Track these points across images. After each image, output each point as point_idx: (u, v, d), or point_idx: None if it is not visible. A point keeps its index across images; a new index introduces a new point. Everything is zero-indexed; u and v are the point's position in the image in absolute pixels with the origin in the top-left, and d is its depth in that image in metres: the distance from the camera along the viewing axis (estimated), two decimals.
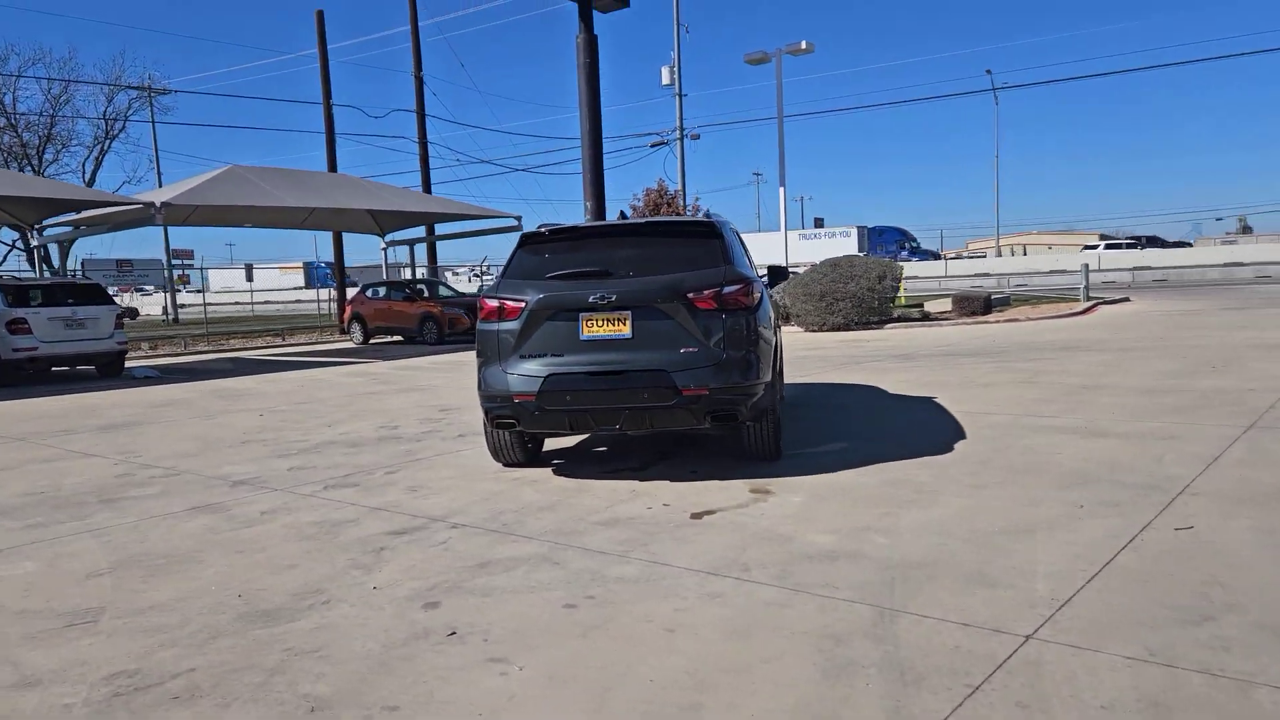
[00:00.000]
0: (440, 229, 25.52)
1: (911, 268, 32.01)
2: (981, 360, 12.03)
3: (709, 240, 5.95)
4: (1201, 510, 4.48)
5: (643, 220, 6.22)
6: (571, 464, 6.38)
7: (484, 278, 57.77)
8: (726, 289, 5.58)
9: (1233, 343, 12.48)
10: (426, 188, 27.75)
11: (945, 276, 44.96)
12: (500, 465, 6.42)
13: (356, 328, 22.70)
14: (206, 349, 22.55)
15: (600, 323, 5.58)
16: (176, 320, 39.31)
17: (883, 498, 5.04)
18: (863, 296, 18.67)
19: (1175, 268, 40.99)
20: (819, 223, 61.61)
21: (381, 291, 23.06)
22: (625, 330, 5.55)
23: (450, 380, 12.73)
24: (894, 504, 4.89)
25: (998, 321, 19.18)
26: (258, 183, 18.77)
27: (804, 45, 24.94)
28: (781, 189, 25.53)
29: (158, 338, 23.17)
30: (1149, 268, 40.93)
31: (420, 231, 26.02)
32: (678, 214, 24.53)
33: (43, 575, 4.36)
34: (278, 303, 51.25)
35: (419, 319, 21.30)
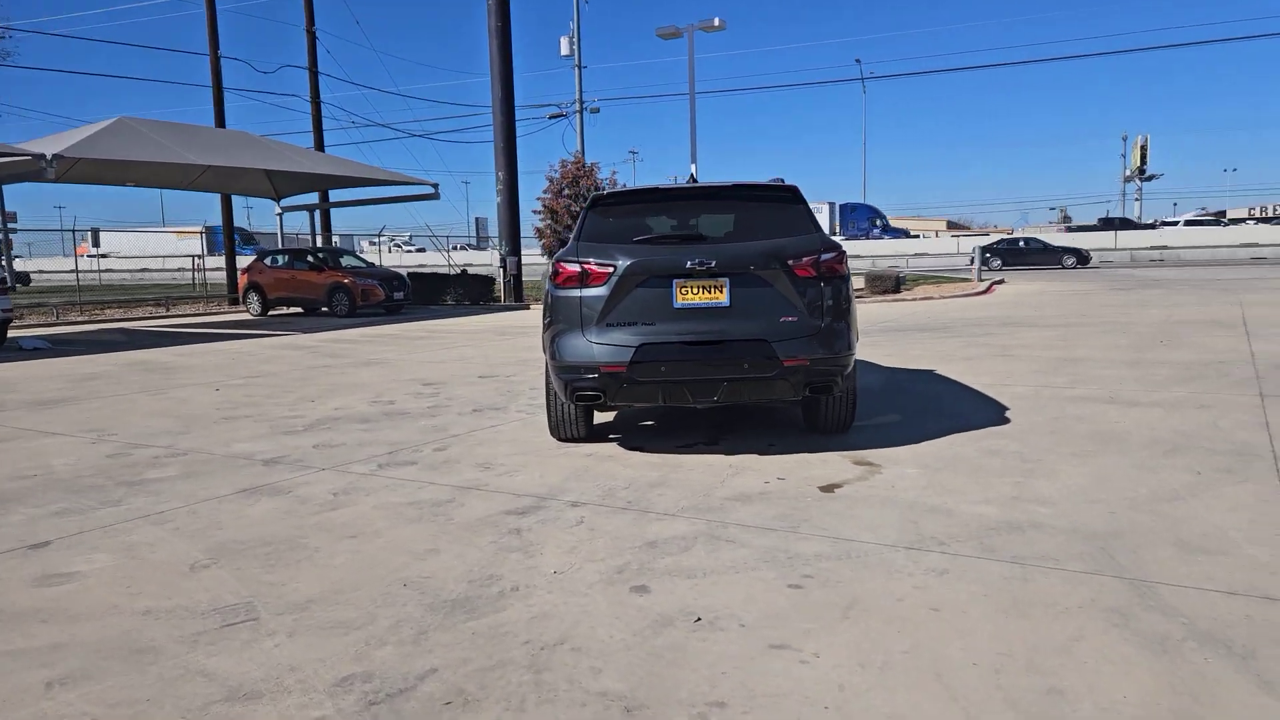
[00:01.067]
0: (344, 195, 24.16)
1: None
2: (938, 335, 12.36)
3: (795, 205, 5.76)
4: None
5: (725, 183, 5.96)
6: (632, 439, 6.07)
7: (405, 249, 54.87)
8: (824, 256, 5.42)
9: (1155, 319, 13.32)
10: (320, 149, 26.21)
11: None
12: (557, 441, 6.04)
13: (254, 298, 21.21)
14: (80, 319, 20.58)
15: (695, 289, 5.30)
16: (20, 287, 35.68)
17: (997, 468, 5.00)
18: None
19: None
20: None
21: (282, 260, 21.63)
22: (722, 298, 5.30)
23: (404, 354, 12.04)
24: (1015, 474, 4.86)
25: (915, 300, 19.85)
26: (151, 136, 17.16)
27: (717, 22, 24.93)
28: (693, 165, 25.54)
29: (24, 306, 20.94)
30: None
31: (316, 197, 24.56)
32: (596, 186, 24.12)
33: (133, 569, 3.75)
34: (172, 270, 46.06)
35: (327, 290, 20.12)
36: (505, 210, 23.39)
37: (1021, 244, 42.04)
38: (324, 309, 20.24)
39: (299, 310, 21.27)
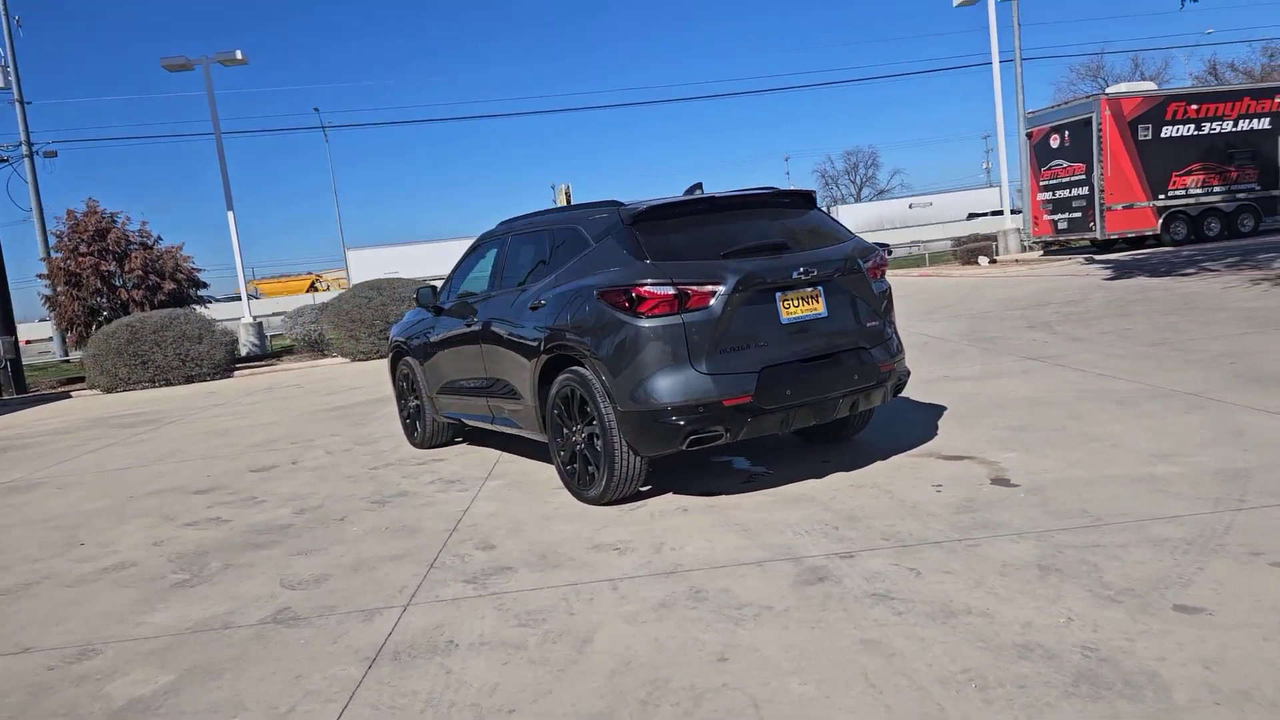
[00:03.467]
0: None
1: None
2: None
3: (815, 210, 5.70)
4: None
5: (761, 190, 5.62)
6: (683, 488, 5.41)
7: None
8: (884, 257, 5.50)
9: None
10: None
11: None
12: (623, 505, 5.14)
13: None
14: None
15: (797, 302, 5.00)
16: None
17: (1108, 441, 5.45)
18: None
19: None
20: None
21: None
22: (820, 309, 5.07)
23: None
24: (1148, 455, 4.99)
25: None
26: None
27: (238, 55, 22.40)
28: (230, 213, 22.59)
29: None
30: None
31: None
32: (127, 238, 19.90)
33: None
34: None
35: None
36: None
37: None
38: None
39: None
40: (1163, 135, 23.31)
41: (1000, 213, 32.58)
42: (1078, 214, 23.92)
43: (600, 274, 5.05)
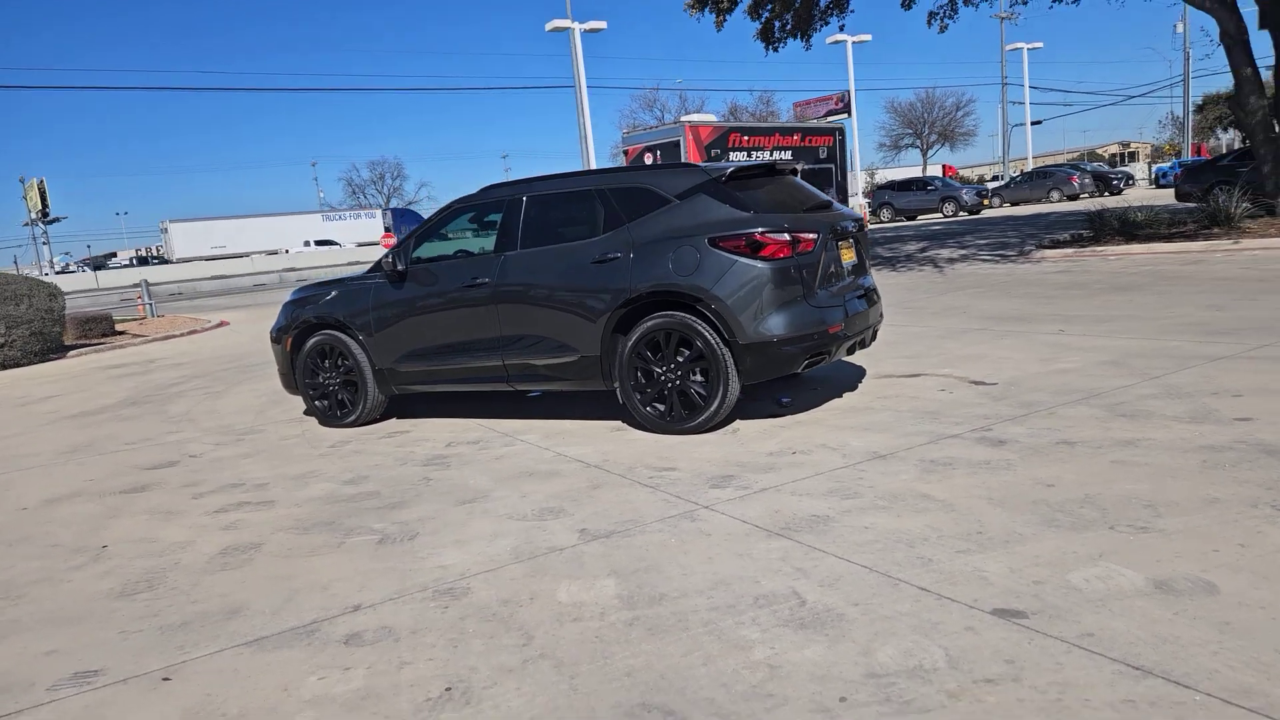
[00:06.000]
0: None
1: None
2: None
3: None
4: None
5: (793, 164, 6.57)
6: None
7: None
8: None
9: None
10: None
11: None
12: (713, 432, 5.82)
13: None
14: None
15: (845, 250, 6.16)
16: None
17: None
18: (38, 321, 14.78)
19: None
20: None
21: None
22: (854, 256, 6.32)
23: None
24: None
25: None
26: None
27: None
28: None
29: None
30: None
31: None
32: None
33: None
34: None
35: None
36: None
37: None
38: None
39: None
40: (728, 159, 28.15)
41: None
42: None
43: (705, 225, 5.70)
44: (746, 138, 29.16)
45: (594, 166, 34.21)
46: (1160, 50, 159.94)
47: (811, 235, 5.76)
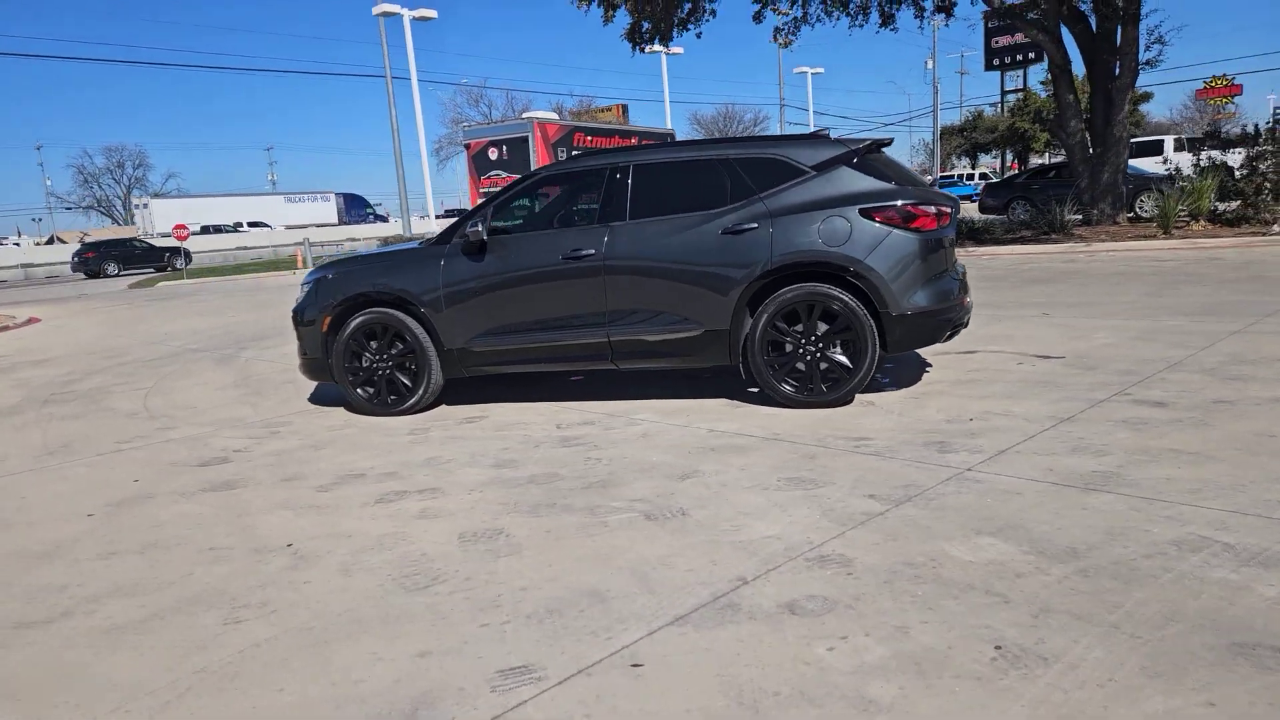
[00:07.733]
0: None
1: None
2: None
3: None
4: None
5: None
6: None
7: None
8: None
9: None
10: None
11: None
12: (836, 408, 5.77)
13: None
14: None
15: None
16: None
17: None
18: None
19: None
20: None
21: None
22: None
23: None
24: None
25: None
26: None
27: None
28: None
29: None
30: None
31: None
32: None
33: None
34: None
35: None
36: None
37: None
38: None
39: None
40: (573, 155, 28.13)
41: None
42: None
43: (852, 196, 5.64)
44: (590, 138, 29.37)
45: (424, 163, 32.98)
46: (901, 85, 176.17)
47: (948, 209, 5.85)
